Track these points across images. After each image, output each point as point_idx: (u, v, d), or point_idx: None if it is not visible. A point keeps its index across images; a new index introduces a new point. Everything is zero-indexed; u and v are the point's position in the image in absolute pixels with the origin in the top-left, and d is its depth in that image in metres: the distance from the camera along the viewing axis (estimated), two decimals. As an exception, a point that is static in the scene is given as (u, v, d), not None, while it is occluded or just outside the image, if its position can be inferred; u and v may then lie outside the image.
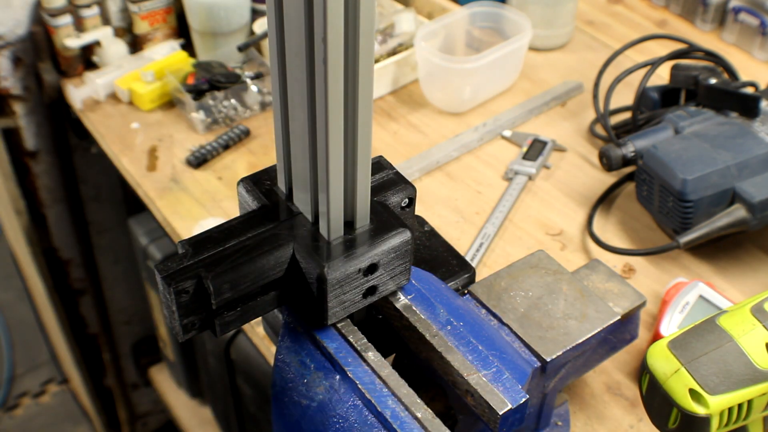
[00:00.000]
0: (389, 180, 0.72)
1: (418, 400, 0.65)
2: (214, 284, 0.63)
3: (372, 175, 0.66)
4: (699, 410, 0.63)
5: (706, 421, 0.63)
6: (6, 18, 1.34)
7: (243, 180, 0.72)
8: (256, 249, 0.65)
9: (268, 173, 0.72)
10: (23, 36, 1.37)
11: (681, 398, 0.64)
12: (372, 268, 0.66)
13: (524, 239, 1.09)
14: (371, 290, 0.68)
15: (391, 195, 0.71)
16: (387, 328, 0.73)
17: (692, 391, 0.63)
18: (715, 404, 0.63)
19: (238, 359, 1.33)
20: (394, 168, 0.73)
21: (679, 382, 0.64)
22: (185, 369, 1.67)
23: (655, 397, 0.66)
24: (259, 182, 0.72)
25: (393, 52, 1.33)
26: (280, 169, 0.70)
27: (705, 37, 1.45)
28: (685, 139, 1.04)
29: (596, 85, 1.25)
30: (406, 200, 0.73)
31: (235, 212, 1.13)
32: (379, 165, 0.73)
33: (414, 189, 0.73)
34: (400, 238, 0.67)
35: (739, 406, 0.64)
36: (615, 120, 1.25)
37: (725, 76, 1.16)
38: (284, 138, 0.66)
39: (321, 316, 0.67)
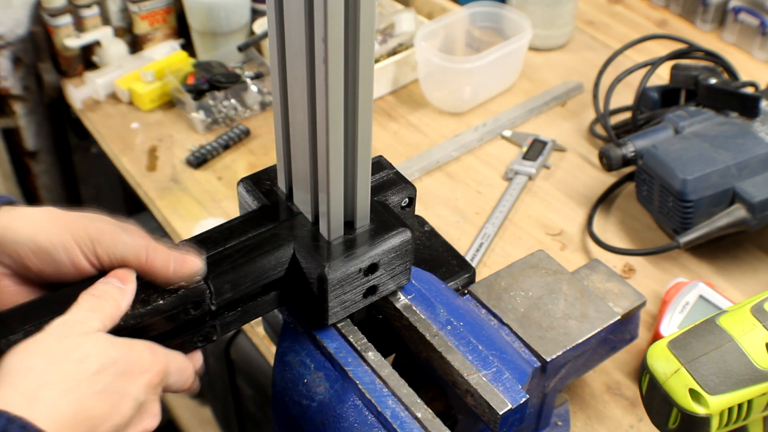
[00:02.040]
0: (389, 180, 0.72)
1: (418, 400, 0.65)
2: (214, 284, 0.63)
3: (372, 174, 0.66)
4: (699, 410, 0.63)
5: (706, 421, 0.63)
6: (6, 18, 1.34)
7: (243, 180, 0.72)
8: (256, 249, 0.65)
9: (268, 173, 0.72)
10: (23, 36, 1.37)
11: (681, 398, 0.64)
12: (372, 268, 0.66)
13: (524, 239, 1.09)
14: (371, 290, 0.68)
15: (391, 195, 0.71)
16: (387, 328, 0.73)
17: (692, 391, 0.63)
18: (715, 404, 0.63)
19: (238, 359, 1.33)
20: (394, 168, 0.73)
21: (679, 382, 0.64)
22: (185, 369, 1.67)
23: (655, 397, 0.66)
24: (259, 182, 0.71)
25: (393, 52, 1.33)
26: (280, 169, 0.69)
27: (705, 37, 1.45)
28: (685, 139, 1.04)
29: (596, 85, 1.25)
30: (406, 200, 0.73)
31: (235, 212, 1.13)
32: (379, 165, 0.73)
33: (414, 189, 0.73)
34: (400, 237, 0.66)
35: (739, 406, 0.64)
36: (615, 120, 1.25)
37: (725, 76, 1.16)
38: (284, 138, 0.66)
39: (321, 315, 0.67)
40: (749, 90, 1.11)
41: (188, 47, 1.40)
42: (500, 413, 0.65)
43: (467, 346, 0.70)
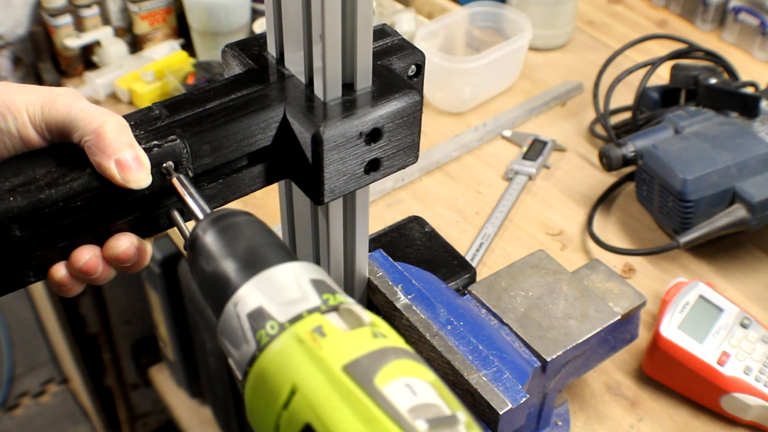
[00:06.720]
0: (394, 45, 0.65)
1: (419, 400, 0.65)
2: (191, 144, 0.56)
3: (375, 41, 0.60)
4: None
5: None
6: (6, 18, 1.34)
7: (229, 45, 0.64)
8: (241, 109, 0.59)
9: (257, 40, 0.65)
10: (23, 36, 1.37)
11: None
12: (375, 134, 0.59)
13: (524, 239, 1.09)
14: (374, 164, 0.60)
15: (396, 60, 0.63)
16: (387, 328, 0.73)
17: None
18: None
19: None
20: (399, 34, 0.66)
21: None
22: (185, 369, 1.67)
23: None
24: (246, 47, 0.64)
25: (393, 52, 1.33)
26: (270, 28, 0.62)
27: (705, 37, 1.45)
28: (685, 139, 1.04)
29: (596, 85, 1.25)
30: (414, 68, 0.64)
31: (235, 212, 1.13)
32: (383, 32, 0.66)
33: (422, 55, 0.64)
34: (407, 99, 0.59)
35: None
36: (615, 120, 1.25)
37: (725, 76, 1.16)
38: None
39: (317, 190, 0.59)
40: (749, 90, 1.11)
41: (188, 47, 1.40)
42: (500, 413, 0.65)
43: (467, 346, 0.70)
